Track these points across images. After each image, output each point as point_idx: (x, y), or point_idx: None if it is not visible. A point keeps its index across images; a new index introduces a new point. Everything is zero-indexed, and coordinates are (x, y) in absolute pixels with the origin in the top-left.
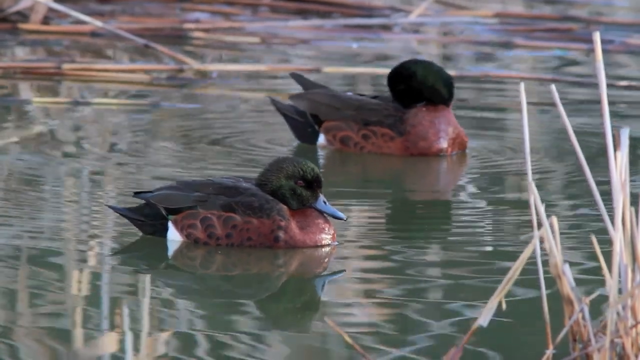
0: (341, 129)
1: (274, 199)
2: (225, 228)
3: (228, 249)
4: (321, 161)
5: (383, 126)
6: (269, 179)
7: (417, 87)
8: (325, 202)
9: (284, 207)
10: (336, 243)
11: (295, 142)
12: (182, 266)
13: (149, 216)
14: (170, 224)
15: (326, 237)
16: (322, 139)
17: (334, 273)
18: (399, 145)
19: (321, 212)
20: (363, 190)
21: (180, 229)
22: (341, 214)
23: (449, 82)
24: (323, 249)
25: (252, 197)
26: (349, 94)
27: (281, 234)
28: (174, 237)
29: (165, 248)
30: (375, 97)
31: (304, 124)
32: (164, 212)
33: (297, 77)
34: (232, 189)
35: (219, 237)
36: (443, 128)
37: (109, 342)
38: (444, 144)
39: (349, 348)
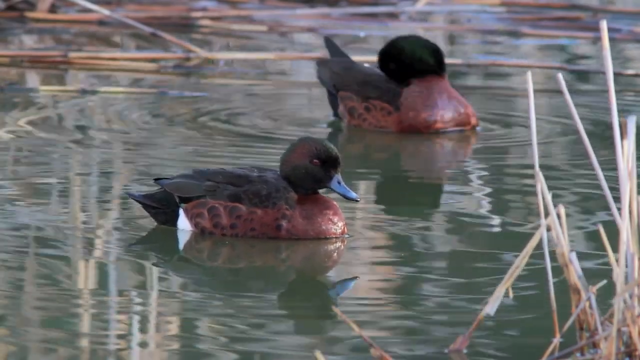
0: (351, 100)
1: (286, 187)
2: (231, 218)
3: (234, 239)
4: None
5: (382, 100)
6: (287, 158)
7: (407, 61)
8: (339, 182)
9: (293, 197)
10: (347, 236)
11: (311, 125)
12: (193, 258)
13: (162, 201)
14: (181, 212)
15: (333, 229)
16: (341, 109)
17: (342, 264)
18: (395, 119)
19: (335, 192)
20: (362, 171)
21: (190, 217)
22: (353, 195)
23: (436, 51)
24: (331, 241)
25: (261, 185)
26: (365, 65)
27: (284, 223)
28: (184, 226)
29: (176, 239)
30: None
31: (335, 96)
32: (177, 200)
33: (328, 42)
34: (241, 178)
35: (224, 227)
36: (436, 100)
37: (117, 332)
38: (435, 116)
39: (356, 338)
